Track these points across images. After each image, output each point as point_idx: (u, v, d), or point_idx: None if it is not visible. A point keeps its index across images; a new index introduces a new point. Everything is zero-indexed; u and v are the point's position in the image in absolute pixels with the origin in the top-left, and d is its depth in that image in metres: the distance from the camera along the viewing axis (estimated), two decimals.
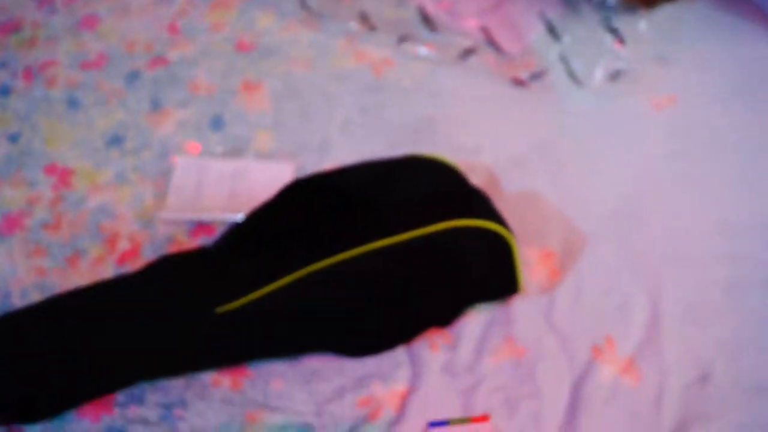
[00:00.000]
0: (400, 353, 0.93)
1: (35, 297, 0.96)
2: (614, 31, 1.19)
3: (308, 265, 0.85)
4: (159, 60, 1.25)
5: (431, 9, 1.26)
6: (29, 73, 1.24)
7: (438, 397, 0.90)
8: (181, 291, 0.89)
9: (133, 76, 1.23)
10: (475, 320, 0.96)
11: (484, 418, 0.86)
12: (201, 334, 0.87)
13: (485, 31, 1.21)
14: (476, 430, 0.83)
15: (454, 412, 0.89)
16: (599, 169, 1.10)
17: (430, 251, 0.85)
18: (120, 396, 0.90)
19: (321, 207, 0.89)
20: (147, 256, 1.01)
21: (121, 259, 1.02)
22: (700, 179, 1.08)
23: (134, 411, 0.89)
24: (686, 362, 0.92)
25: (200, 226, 1.04)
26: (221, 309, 0.86)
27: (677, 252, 1.01)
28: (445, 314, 0.94)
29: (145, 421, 0.88)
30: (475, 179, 1.05)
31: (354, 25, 1.26)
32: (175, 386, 0.91)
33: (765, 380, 0.91)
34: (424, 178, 0.92)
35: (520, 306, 0.96)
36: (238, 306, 0.86)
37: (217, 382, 0.91)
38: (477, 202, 0.92)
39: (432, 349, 0.94)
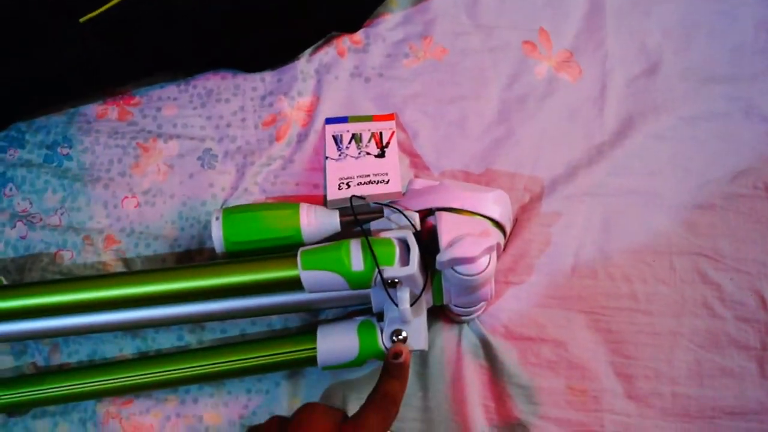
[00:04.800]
0: (302, 63, 0.82)
1: None
2: None
3: None
4: None
5: None
6: None
7: (348, 106, 0.80)
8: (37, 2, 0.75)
9: None
10: (388, 20, 0.84)
11: (389, 117, 0.76)
12: (69, 51, 0.74)
13: None
14: (379, 128, 0.73)
15: None
16: None
17: None
18: None
19: None
20: None
21: None
22: None
23: (14, 155, 0.80)
24: (631, 53, 0.83)
25: None
26: (85, 18, 0.73)
27: None
28: (349, 15, 0.81)
29: (28, 164, 0.79)
30: None
31: None
32: (57, 124, 0.81)
33: (717, 68, 0.82)
34: None
35: (439, 1, 0.84)
36: (102, 12, 0.73)
37: (103, 114, 0.82)
38: None
39: (339, 55, 0.82)
